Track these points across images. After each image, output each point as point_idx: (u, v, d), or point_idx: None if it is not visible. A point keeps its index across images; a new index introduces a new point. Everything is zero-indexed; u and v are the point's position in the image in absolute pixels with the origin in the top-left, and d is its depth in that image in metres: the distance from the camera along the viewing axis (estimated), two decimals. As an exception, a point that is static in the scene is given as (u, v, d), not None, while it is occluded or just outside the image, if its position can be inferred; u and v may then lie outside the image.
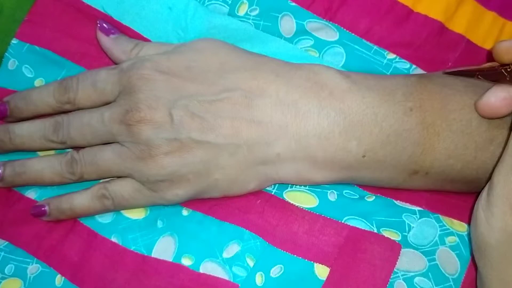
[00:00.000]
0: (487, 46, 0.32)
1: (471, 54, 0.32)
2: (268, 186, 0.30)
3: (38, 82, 0.33)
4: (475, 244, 0.25)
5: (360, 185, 0.31)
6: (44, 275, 0.29)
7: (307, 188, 0.30)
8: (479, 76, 0.27)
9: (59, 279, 0.29)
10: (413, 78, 0.29)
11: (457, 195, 0.30)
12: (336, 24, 0.31)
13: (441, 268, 0.27)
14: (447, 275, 0.27)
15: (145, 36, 0.33)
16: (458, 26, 0.32)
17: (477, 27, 0.32)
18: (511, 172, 0.23)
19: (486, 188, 0.25)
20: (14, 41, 0.33)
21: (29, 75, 0.33)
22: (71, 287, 0.29)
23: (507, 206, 0.23)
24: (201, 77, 0.29)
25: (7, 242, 0.30)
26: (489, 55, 0.32)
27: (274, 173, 0.29)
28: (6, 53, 0.32)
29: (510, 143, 0.24)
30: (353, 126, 0.27)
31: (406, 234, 0.28)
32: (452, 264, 0.27)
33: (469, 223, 0.29)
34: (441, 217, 0.29)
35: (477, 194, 0.26)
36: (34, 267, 0.29)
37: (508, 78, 0.26)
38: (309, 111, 0.28)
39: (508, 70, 0.26)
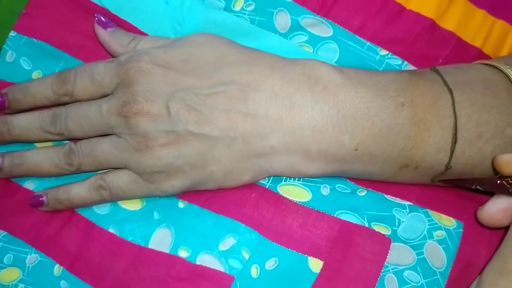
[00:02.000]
0: (477, 43, 0.33)
1: (461, 51, 0.33)
2: (262, 179, 0.31)
3: (35, 75, 0.33)
4: None
5: (352, 179, 0.31)
6: (42, 265, 0.30)
7: (300, 182, 0.31)
8: (477, 186, 0.28)
9: (57, 269, 0.30)
10: (405, 74, 0.30)
11: (446, 189, 0.31)
12: (330, 20, 0.32)
13: (428, 262, 0.28)
14: (434, 268, 0.28)
15: (142, 30, 0.33)
16: (449, 23, 0.32)
17: (468, 25, 0.33)
18: (499, 275, 0.24)
19: (475, 282, 0.26)
20: (12, 33, 0.33)
21: (27, 68, 0.33)
22: (69, 276, 0.29)
23: None
24: (198, 71, 0.29)
25: (5, 232, 0.31)
26: (479, 54, 0.33)
27: (268, 165, 0.30)
28: (4, 46, 0.33)
29: (503, 242, 0.25)
30: (346, 120, 0.28)
31: (396, 228, 0.29)
32: (439, 257, 0.28)
33: (456, 218, 0.30)
34: (429, 212, 0.30)
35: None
36: (32, 257, 0.30)
37: (510, 190, 0.26)
38: (303, 105, 0.28)
39: (510, 181, 0.26)
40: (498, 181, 0.27)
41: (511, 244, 0.24)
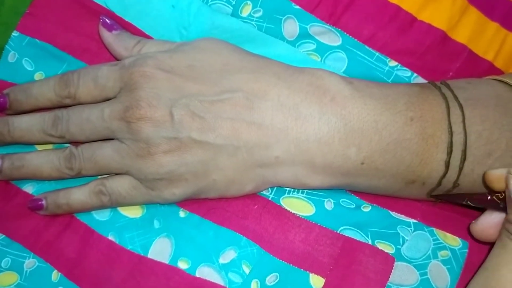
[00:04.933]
0: (489, 57, 0.32)
1: (473, 65, 0.32)
2: (265, 189, 0.30)
3: (38, 76, 0.32)
4: None
5: (356, 194, 0.31)
6: (40, 270, 0.29)
7: (304, 195, 0.30)
8: (468, 202, 0.27)
9: (55, 275, 0.29)
10: (415, 88, 0.29)
11: (452, 207, 0.31)
12: (340, 29, 0.31)
13: (432, 283, 0.28)
14: None
15: (147, 33, 0.33)
16: (461, 35, 0.32)
17: (480, 38, 0.32)
18: None
19: None
20: (15, 33, 0.32)
21: (29, 68, 0.32)
22: (67, 283, 0.29)
23: None
24: (203, 77, 0.29)
25: (4, 236, 0.30)
26: (490, 67, 0.32)
27: (272, 176, 0.29)
28: (6, 46, 0.32)
29: (488, 256, 0.25)
30: (353, 133, 0.28)
31: (400, 247, 0.28)
32: (443, 278, 0.28)
33: (462, 237, 0.29)
34: (435, 230, 0.29)
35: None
36: (30, 262, 0.30)
37: (501, 206, 0.26)
38: (310, 116, 0.28)
39: (501, 197, 0.26)
40: (489, 197, 0.26)
41: (495, 260, 0.24)
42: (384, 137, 0.28)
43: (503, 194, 0.26)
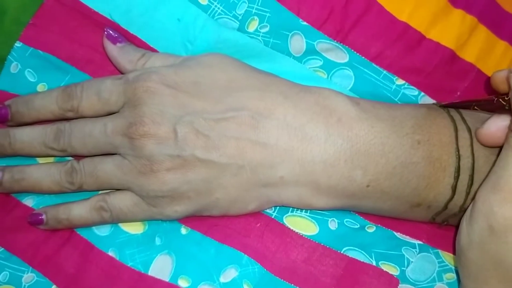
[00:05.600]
0: (497, 77, 0.32)
1: (481, 84, 0.32)
2: (268, 208, 0.30)
3: (40, 87, 0.32)
4: (457, 255, 0.26)
5: (361, 214, 0.30)
6: (39, 285, 0.29)
7: (308, 214, 0.30)
8: (475, 107, 0.27)
9: (54, 290, 0.29)
10: (423, 110, 0.29)
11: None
12: (347, 46, 0.31)
13: None
14: None
15: (152, 46, 0.32)
16: (469, 54, 0.31)
17: (488, 57, 0.32)
18: (492, 191, 0.24)
19: (472, 202, 0.25)
20: (17, 44, 0.32)
21: (31, 80, 0.32)
22: (66, 299, 0.29)
23: (485, 224, 0.24)
24: (208, 94, 0.28)
25: (2, 249, 0.30)
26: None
27: (275, 195, 0.29)
28: (9, 56, 0.32)
29: (497, 160, 0.24)
30: (360, 155, 0.27)
31: (404, 268, 0.28)
32: None
33: None
34: (440, 252, 0.29)
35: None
36: (29, 276, 0.29)
37: (507, 107, 0.26)
38: (316, 137, 0.27)
39: (506, 99, 0.26)
40: (495, 100, 0.26)
41: (503, 162, 0.24)
42: (391, 160, 0.27)
43: (509, 96, 0.25)
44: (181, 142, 0.27)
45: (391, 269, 0.28)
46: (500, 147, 0.25)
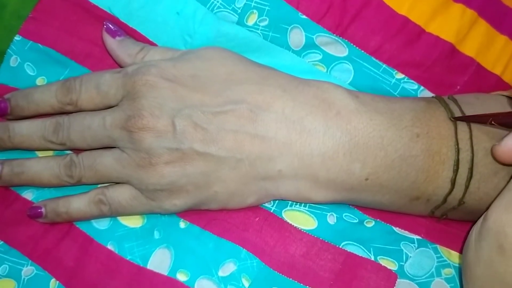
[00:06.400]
0: (497, 71, 0.32)
1: (480, 78, 0.32)
2: (267, 202, 0.30)
3: (40, 81, 0.32)
4: (464, 269, 0.25)
5: (360, 208, 0.30)
6: (38, 278, 0.29)
7: (306, 208, 0.30)
8: (492, 122, 0.26)
9: (53, 283, 0.29)
10: (422, 103, 0.29)
11: (457, 224, 0.30)
12: (346, 40, 0.31)
13: None
14: None
15: (151, 40, 0.32)
16: (469, 48, 0.31)
17: (488, 51, 0.32)
18: (505, 211, 0.23)
19: (482, 217, 0.25)
20: (17, 37, 0.32)
21: (31, 73, 0.32)
22: (65, 292, 0.29)
23: (494, 244, 0.23)
24: (207, 87, 0.28)
25: (2, 242, 0.30)
26: (498, 81, 0.32)
27: (274, 189, 0.29)
28: (8, 50, 0.32)
29: None
30: (358, 148, 0.27)
31: (403, 263, 0.28)
32: None
33: None
34: (439, 248, 0.29)
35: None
36: (28, 269, 0.29)
37: None
38: (314, 130, 0.27)
39: None
40: None
41: None
42: (390, 153, 0.27)
43: None
44: (180, 135, 0.27)
45: (390, 264, 0.28)
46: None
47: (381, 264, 0.28)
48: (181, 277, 0.28)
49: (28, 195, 0.31)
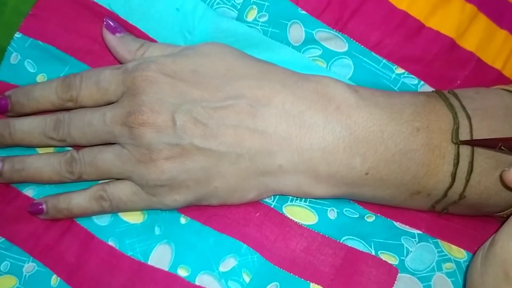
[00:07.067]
0: (497, 65, 0.32)
1: (481, 73, 0.32)
2: (267, 197, 0.30)
3: (40, 78, 0.32)
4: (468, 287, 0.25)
5: (360, 203, 0.30)
6: (40, 275, 0.29)
7: (307, 203, 0.30)
8: (502, 148, 0.25)
9: (54, 280, 0.29)
10: (422, 97, 0.29)
11: (458, 218, 0.30)
12: (346, 35, 0.31)
13: None
14: None
15: (151, 36, 0.32)
16: (469, 43, 0.31)
17: (488, 45, 0.32)
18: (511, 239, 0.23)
19: (489, 240, 0.24)
20: (17, 34, 0.32)
21: (31, 70, 0.32)
22: (66, 288, 0.29)
23: (501, 270, 0.23)
24: (207, 83, 0.28)
25: (3, 239, 0.30)
26: (498, 76, 0.32)
27: (274, 184, 0.29)
28: (9, 47, 0.32)
29: None
30: (358, 142, 0.27)
31: (403, 258, 0.28)
32: None
33: (467, 249, 0.29)
34: (440, 242, 0.29)
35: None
36: (30, 266, 0.29)
37: None
38: (314, 124, 0.27)
39: None
40: None
41: None
42: (390, 147, 0.27)
43: None
44: (180, 130, 0.27)
45: (390, 259, 0.28)
46: None
47: (381, 258, 0.28)
48: (182, 272, 0.28)
49: (29, 192, 0.31)
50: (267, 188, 0.29)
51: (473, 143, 0.27)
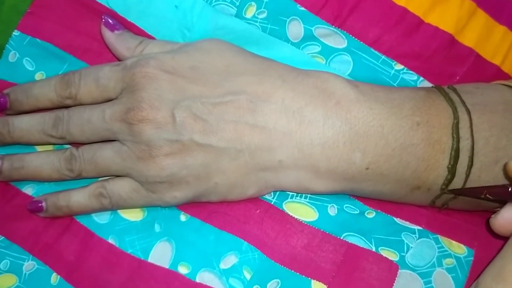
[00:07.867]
0: (496, 61, 0.32)
1: (480, 69, 0.32)
2: (267, 193, 0.30)
3: (38, 76, 0.32)
4: None
5: (361, 199, 0.30)
6: (39, 273, 0.29)
7: (307, 200, 0.30)
8: (487, 195, 0.26)
9: (54, 278, 0.29)
10: (422, 92, 0.29)
11: (458, 214, 0.30)
12: (345, 32, 0.31)
13: None
14: None
15: (149, 34, 0.32)
16: (468, 39, 0.31)
17: (487, 41, 0.32)
18: (494, 280, 0.23)
19: (475, 283, 0.24)
20: (15, 32, 0.32)
21: (30, 68, 0.32)
22: (66, 286, 0.28)
23: None
24: (206, 79, 0.28)
25: (3, 237, 0.30)
26: (497, 71, 0.32)
27: (274, 180, 0.29)
28: (7, 45, 0.32)
29: (504, 247, 0.24)
30: (359, 137, 0.27)
31: (404, 254, 0.28)
32: (447, 287, 0.27)
33: (467, 245, 0.29)
34: (440, 238, 0.29)
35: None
36: (30, 264, 0.29)
37: None
38: (314, 119, 0.27)
39: None
40: (510, 189, 0.25)
41: (509, 252, 0.23)
42: (390, 142, 0.27)
43: None
44: (179, 126, 0.27)
45: (391, 255, 0.28)
46: (506, 237, 0.25)
47: (382, 255, 0.28)
48: (183, 270, 0.28)
49: (28, 190, 0.31)
50: (267, 184, 0.29)
51: (461, 192, 0.28)
